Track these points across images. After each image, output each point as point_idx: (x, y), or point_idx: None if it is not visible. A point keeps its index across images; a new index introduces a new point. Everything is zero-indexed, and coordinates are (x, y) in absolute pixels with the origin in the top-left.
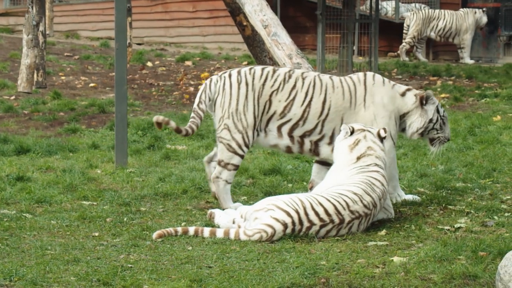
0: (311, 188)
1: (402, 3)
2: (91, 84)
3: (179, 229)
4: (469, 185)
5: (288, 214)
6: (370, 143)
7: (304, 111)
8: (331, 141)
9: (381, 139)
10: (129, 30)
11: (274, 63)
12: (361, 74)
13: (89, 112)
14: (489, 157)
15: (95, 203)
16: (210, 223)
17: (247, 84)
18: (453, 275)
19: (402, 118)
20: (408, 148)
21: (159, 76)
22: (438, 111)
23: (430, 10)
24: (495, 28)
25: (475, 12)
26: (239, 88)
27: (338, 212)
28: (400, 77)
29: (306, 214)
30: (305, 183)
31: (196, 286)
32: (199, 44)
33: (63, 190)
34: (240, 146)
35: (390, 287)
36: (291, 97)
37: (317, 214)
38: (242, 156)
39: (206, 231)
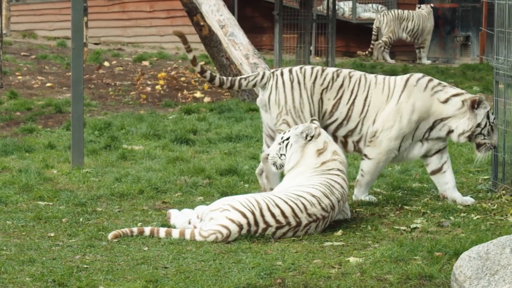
0: (444, 197)
1: (359, 3)
2: (48, 84)
3: (135, 229)
4: (425, 185)
5: (244, 215)
6: (334, 146)
7: (348, 110)
8: (365, 142)
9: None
10: (86, 30)
11: (231, 63)
12: (408, 74)
13: (46, 112)
14: None
15: (51, 203)
16: (166, 224)
17: (299, 83)
18: (409, 275)
19: (440, 123)
20: None
21: (116, 76)
22: (488, 117)
23: (399, 11)
24: (452, 29)
25: (431, 11)
26: (292, 86)
27: (295, 214)
28: None
29: (262, 215)
30: None
31: (151, 287)
32: (156, 44)
33: (19, 190)
34: None
35: (346, 287)
36: (338, 96)
37: (273, 215)
38: None
39: (162, 231)
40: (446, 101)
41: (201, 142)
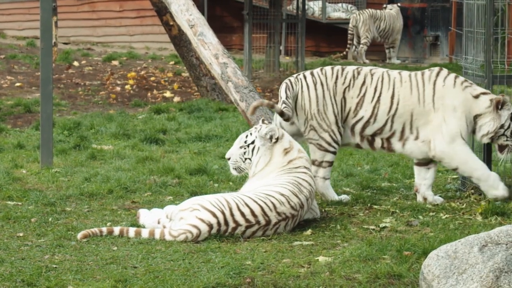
0: (417, 191)
1: (329, 3)
2: (17, 84)
3: (104, 229)
4: (394, 184)
5: (214, 215)
6: (297, 144)
7: (374, 107)
8: (401, 137)
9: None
10: (55, 30)
11: (201, 62)
12: (434, 72)
13: (15, 111)
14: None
15: (20, 203)
16: (136, 223)
17: (322, 84)
18: (378, 274)
19: (474, 120)
20: None
21: (86, 76)
22: (511, 118)
23: (373, 10)
24: (421, 29)
25: (398, 10)
26: (315, 89)
27: (264, 213)
28: None
29: (232, 214)
30: (231, 183)
31: (121, 287)
32: (126, 44)
33: None
34: (329, 144)
35: (315, 286)
36: (361, 93)
37: (243, 215)
38: (334, 153)
39: (132, 231)
40: (477, 96)
41: (171, 141)
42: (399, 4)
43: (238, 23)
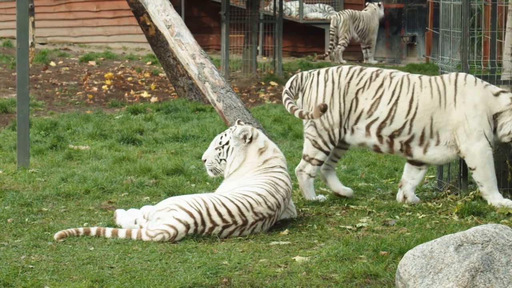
0: (400, 187)
1: (306, 3)
2: None
3: (81, 229)
4: (371, 184)
5: (191, 215)
6: (273, 144)
7: (390, 110)
8: (421, 142)
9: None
10: (32, 30)
11: (178, 63)
12: (453, 74)
13: None
14: (391, 157)
15: None
16: (113, 224)
17: (333, 82)
18: (355, 274)
19: (495, 118)
20: None
21: (63, 76)
22: None
23: (353, 11)
24: (398, 29)
25: (375, 10)
26: (325, 86)
27: (241, 213)
28: None
29: (209, 214)
30: (208, 183)
31: (97, 287)
32: (103, 44)
33: None
34: (325, 143)
35: (292, 286)
36: (377, 96)
37: (220, 215)
38: (327, 153)
39: (108, 231)
40: (497, 94)
41: (148, 142)
42: (379, 3)
43: (215, 24)
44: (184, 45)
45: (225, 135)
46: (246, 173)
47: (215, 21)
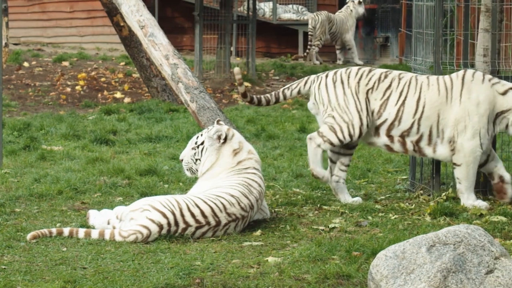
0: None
1: (280, 4)
2: None
3: (54, 230)
4: None
5: (164, 215)
6: (249, 145)
7: (398, 111)
8: (430, 141)
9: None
10: (6, 30)
11: (151, 63)
12: (461, 71)
13: None
14: (364, 158)
15: None
16: (85, 224)
17: (342, 82)
18: (327, 275)
19: (500, 115)
20: (285, 149)
21: (36, 77)
22: None
23: (328, 13)
24: (371, 30)
25: (351, 11)
26: (334, 86)
27: (214, 214)
28: (277, 77)
29: (182, 215)
30: (181, 184)
31: (70, 287)
32: (76, 45)
33: None
34: (342, 132)
35: (264, 287)
36: (385, 97)
37: (193, 215)
38: (341, 141)
39: (81, 232)
40: (505, 93)
41: (121, 142)
42: (360, 0)
43: (189, 24)
44: (157, 45)
45: (201, 135)
46: (220, 173)
47: (188, 21)
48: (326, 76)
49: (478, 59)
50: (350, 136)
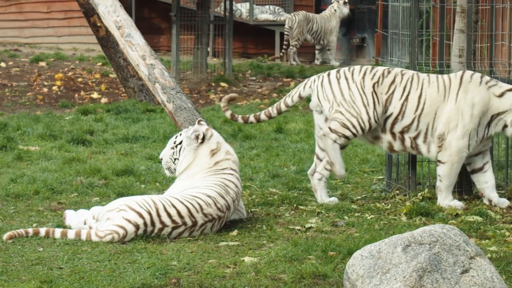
0: (482, 195)
1: (256, 5)
2: None
3: (30, 230)
4: None
5: (140, 215)
6: (227, 146)
7: (402, 105)
8: (425, 139)
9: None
10: None
11: (128, 64)
12: (460, 71)
13: None
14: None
15: None
16: (62, 224)
17: (346, 78)
18: (303, 274)
19: (496, 117)
20: (261, 149)
21: (13, 77)
22: None
23: (306, 13)
24: (348, 30)
25: (335, 11)
26: (338, 82)
27: (191, 214)
28: (254, 78)
29: (159, 215)
30: (158, 184)
31: (46, 287)
32: (53, 45)
33: None
34: (354, 126)
35: (240, 287)
36: (390, 91)
37: (169, 216)
38: (354, 134)
39: (58, 232)
40: (501, 95)
41: (98, 142)
42: (345, 1)
43: (166, 25)
44: (134, 46)
45: (180, 134)
46: (197, 173)
47: (165, 22)
48: (329, 75)
49: (454, 60)
50: (362, 129)
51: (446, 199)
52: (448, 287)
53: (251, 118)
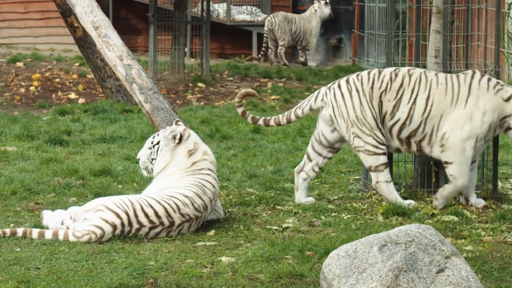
0: (461, 194)
1: (234, 5)
2: None
3: (7, 230)
4: None
5: (118, 216)
6: (204, 146)
7: (410, 109)
8: (430, 141)
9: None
10: None
11: (105, 64)
12: (468, 75)
13: None
14: None
15: None
16: (39, 225)
17: (357, 91)
18: (280, 274)
19: (502, 120)
20: (238, 149)
21: None
22: None
23: (285, 13)
24: (325, 31)
25: (315, 11)
26: (351, 96)
27: (168, 214)
28: (231, 78)
29: (136, 215)
30: (135, 184)
31: (23, 287)
32: (30, 45)
33: None
34: (376, 147)
35: (218, 287)
36: (398, 96)
37: (147, 216)
38: (384, 153)
39: (35, 232)
40: (508, 99)
41: (75, 143)
42: (327, 1)
43: (143, 25)
44: (111, 46)
45: (158, 135)
46: (174, 174)
47: (143, 22)
48: (339, 86)
49: (430, 60)
50: (381, 143)
51: (442, 204)
52: (423, 286)
53: (260, 121)
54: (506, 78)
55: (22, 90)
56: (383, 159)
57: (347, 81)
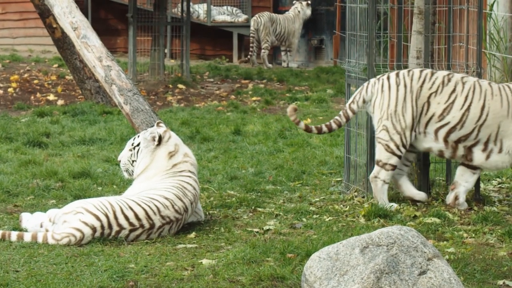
0: (453, 189)
1: (214, 6)
2: None
3: None
4: (278, 187)
5: (97, 218)
6: (185, 148)
7: (463, 115)
8: (485, 147)
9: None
10: None
11: (84, 65)
12: None
13: None
14: (299, 160)
15: None
16: (18, 227)
17: (405, 86)
18: (261, 276)
19: None
20: (219, 151)
21: None
22: None
23: (270, 13)
24: (306, 32)
25: (299, 12)
26: (397, 90)
27: (148, 216)
28: (212, 80)
29: (116, 218)
30: (115, 186)
31: None
32: (8, 46)
33: None
34: (398, 147)
35: None
36: (450, 100)
37: (127, 218)
38: (399, 157)
39: (14, 235)
40: None
41: (54, 145)
42: (308, 2)
43: (123, 26)
44: (90, 47)
45: (138, 136)
46: (155, 175)
47: (122, 23)
48: (388, 78)
49: (412, 61)
50: (404, 146)
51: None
52: None
53: (324, 128)
54: (487, 79)
55: (0, 91)
56: (395, 160)
57: (397, 75)
